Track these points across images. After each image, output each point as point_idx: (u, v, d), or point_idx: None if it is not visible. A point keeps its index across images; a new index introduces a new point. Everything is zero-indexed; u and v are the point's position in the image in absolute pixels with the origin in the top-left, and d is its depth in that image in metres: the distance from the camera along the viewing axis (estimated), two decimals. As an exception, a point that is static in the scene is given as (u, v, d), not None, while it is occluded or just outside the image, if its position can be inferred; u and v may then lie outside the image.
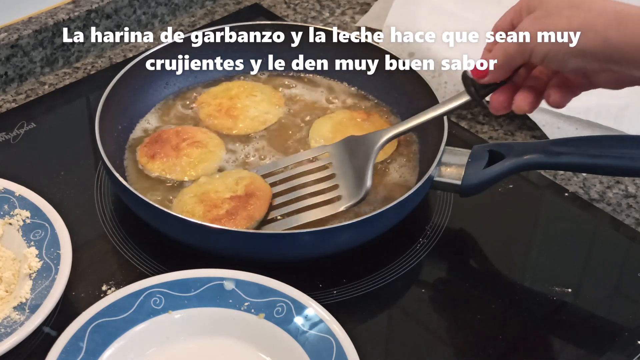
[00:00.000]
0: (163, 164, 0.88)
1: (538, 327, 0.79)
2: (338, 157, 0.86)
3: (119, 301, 0.74)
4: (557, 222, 0.90)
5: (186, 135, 0.90)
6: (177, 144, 0.90)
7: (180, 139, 0.90)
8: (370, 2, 1.20)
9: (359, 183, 0.82)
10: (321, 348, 0.72)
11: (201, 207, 0.83)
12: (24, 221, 0.81)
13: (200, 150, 0.89)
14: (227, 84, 0.99)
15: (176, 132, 0.91)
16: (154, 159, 0.89)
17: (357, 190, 0.82)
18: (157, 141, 0.90)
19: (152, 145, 0.90)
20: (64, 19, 1.05)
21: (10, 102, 1.03)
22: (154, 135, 0.92)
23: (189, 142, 0.90)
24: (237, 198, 0.84)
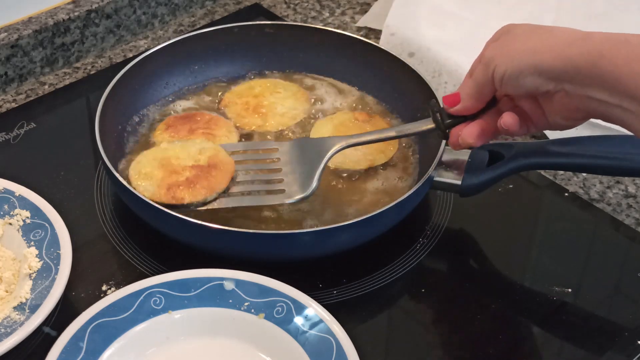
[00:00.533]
0: (171, 137, 0.90)
1: (538, 327, 0.79)
2: (287, 155, 0.85)
3: (119, 301, 0.74)
4: (557, 222, 0.90)
5: (206, 125, 0.91)
6: (195, 128, 0.91)
7: (200, 124, 0.91)
8: (370, 2, 1.20)
9: (305, 183, 0.82)
10: (321, 348, 0.72)
11: (161, 171, 0.83)
12: (24, 221, 0.81)
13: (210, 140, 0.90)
14: (249, 83, 0.99)
15: (201, 118, 0.92)
16: (167, 131, 0.91)
17: (301, 189, 0.82)
18: (183, 118, 0.93)
19: (176, 120, 0.92)
20: (64, 19, 1.05)
21: (10, 102, 1.03)
22: (184, 114, 0.94)
23: (205, 131, 0.90)
24: (198, 167, 0.84)
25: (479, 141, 0.75)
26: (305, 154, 0.85)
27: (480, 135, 0.75)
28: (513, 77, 0.70)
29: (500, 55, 0.70)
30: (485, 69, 0.72)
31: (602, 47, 0.65)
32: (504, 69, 0.70)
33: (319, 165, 0.82)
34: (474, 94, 0.74)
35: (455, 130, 0.76)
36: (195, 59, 1.00)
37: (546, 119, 0.74)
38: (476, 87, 0.73)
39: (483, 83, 0.73)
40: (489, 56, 0.71)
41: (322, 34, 1.01)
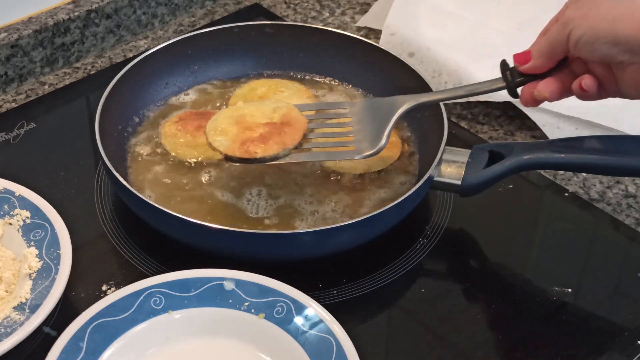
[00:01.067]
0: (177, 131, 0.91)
1: (538, 327, 0.79)
2: (358, 115, 0.86)
3: (119, 301, 0.74)
4: (557, 222, 0.90)
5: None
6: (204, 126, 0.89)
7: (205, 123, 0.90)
8: (370, 2, 1.20)
9: (375, 140, 0.82)
10: (321, 348, 0.72)
11: (235, 128, 0.84)
12: (24, 221, 0.81)
13: None
14: (250, 84, 0.99)
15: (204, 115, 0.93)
16: (176, 124, 0.92)
17: (370, 146, 0.82)
18: (196, 114, 0.94)
19: (190, 115, 0.93)
20: (64, 19, 1.05)
21: (10, 102, 1.03)
22: (200, 111, 0.95)
23: None
24: (272, 125, 0.84)
25: (554, 96, 0.75)
26: (375, 113, 0.85)
27: (556, 91, 0.75)
28: (589, 42, 0.70)
29: (581, 17, 0.70)
30: (561, 28, 0.71)
31: None
32: (581, 32, 0.69)
33: (388, 123, 0.83)
34: (545, 52, 0.74)
35: (527, 88, 0.76)
36: (195, 59, 1.00)
37: (618, 87, 0.74)
38: (549, 45, 0.73)
39: (557, 42, 0.72)
40: (569, 16, 0.71)
41: (322, 34, 1.01)
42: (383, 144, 0.82)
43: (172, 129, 0.92)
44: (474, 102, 1.03)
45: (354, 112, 0.86)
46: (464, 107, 1.03)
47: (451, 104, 1.02)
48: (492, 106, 1.03)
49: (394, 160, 0.91)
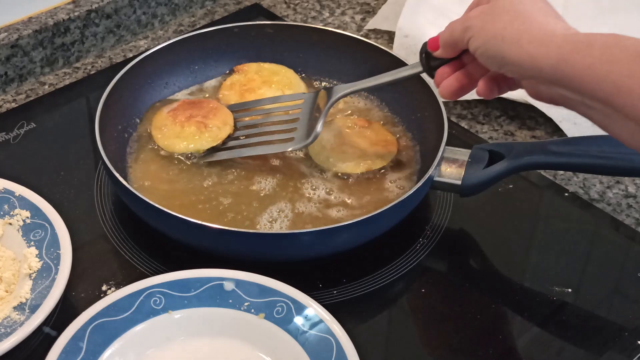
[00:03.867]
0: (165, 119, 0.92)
1: (538, 327, 0.79)
2: (307, 105, 0.90)
3: (119, 301, 0.74)
4: (557, 222, 0.90)
5: (204, 114, 0.92)
6: (195, 115, 0.92)
7: (201, 112, 0.92)
8: (370, 2, 1.20)
9: (310, 130, 0.86)
10: (321, 348, 0.72)
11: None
12: (24, 221, 0.81)
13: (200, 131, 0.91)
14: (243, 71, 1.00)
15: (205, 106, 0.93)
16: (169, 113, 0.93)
17: (307, 135, 0.86)
18: (190, 104, 0.94)
19: (184, 104, 0.94)
20: (64, 19, 1.05)
21: (10, 102, 1.03)
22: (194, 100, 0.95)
23: (200, 120, 0.91)
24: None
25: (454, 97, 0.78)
26: (312, 104, 0.89)
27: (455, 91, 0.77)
28: (483, 56, 0.71)
29: (478, 29, 0.71)
30: (462, 32, 0.73)
31: (563, 50, 0.65)
32: (477, 45, 0.71)
33: (322, 112, 0.86)
34: (449, 44, 0.76)
35: (440, 72, 0.78)
36: (195, 59, 1.00)
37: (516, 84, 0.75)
38: (452, 40, 0.75)
39: (458, 41, 0.74)
40: (469, 24, 0.72)
41: (322, 34, 1.01)
42: (317, 131, 0.86)
43: (162, 119, 0.93)
44: (473, 102, 1.03)
45: (305, 103, 0.90)
46: (464, 107, 1.03)
47: (451, 103, 1.02)
48: (492, 106, 1.03)
49: (393, 156, 0.91)
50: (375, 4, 1.20)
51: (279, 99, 0.93)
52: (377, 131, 0.93)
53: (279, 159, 0.91)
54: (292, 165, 0.91)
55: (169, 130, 0.91)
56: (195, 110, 0.92)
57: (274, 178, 0.89)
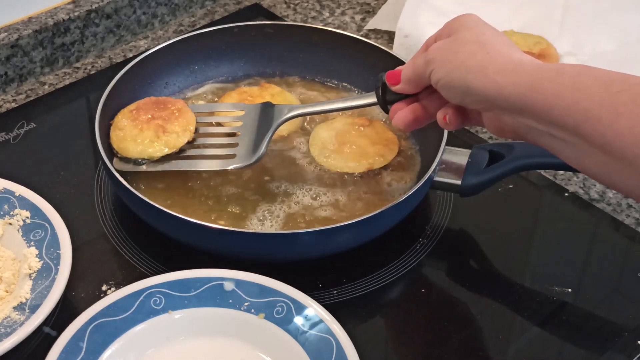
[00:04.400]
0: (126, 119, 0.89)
1: (538, 327, 0.79)
2: (250, 118, 0.88)
3: (119, 301, 0.74)
4: (557, 222, 0.90)
5: (166, 117, 0.88)
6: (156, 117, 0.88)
7: (162, 114, 0.89)
8: (370, 2, 1.20)
9: (255, 149, 0.85)
10: (321, 348, 0.72)
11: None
12: (24, 221, 0.81)
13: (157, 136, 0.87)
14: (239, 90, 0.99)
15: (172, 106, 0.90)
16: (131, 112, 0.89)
17: (251, 155, 0.85)
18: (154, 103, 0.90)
19: (148, 103, 0.90)
20: (64, 19, 1.05)
21: (10, 102, 1.03)
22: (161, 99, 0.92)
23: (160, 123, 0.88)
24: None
25: (409, 128, 0.77)
26: (262, 120, 0.87)
27: (411, 123, 0.76)
28: (445, 87, 0.70)
29: (440, 61, 0.70)
30: (424, 66, 0.72)
31: (533, 78, 0.64)
32: (439, 76, 0.70)
33: (268, 131, 0.85)
34: (412, 80, 0.75)
35: (395, 107, 0.77)
36: (195, 59, 1.00)
37: (478, 121, 0.74)
38: (415, 76, 0.74)
39: (420, 76, 0.73)
40: (431, 57, 0.71)
41: (322, 34, 1.01)
42: (260, 154, 0.84)
43: (121, 119, 0.88)
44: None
45: (247, 115, 0.88)
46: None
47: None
48: (492, 106, 1.03)
49: (394, 155, 0.91)
50: (375, 4, 1.20)
51: (237, 106, 0.91)
52: (378, 130, 0.93)
53: (279, 158, 0.91)
54: (292, 164, 0.91)
55: (126, 132, 0.87)
56: (158, 111, 0.89)
57: (274, 177, 0.89)
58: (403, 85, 0.76)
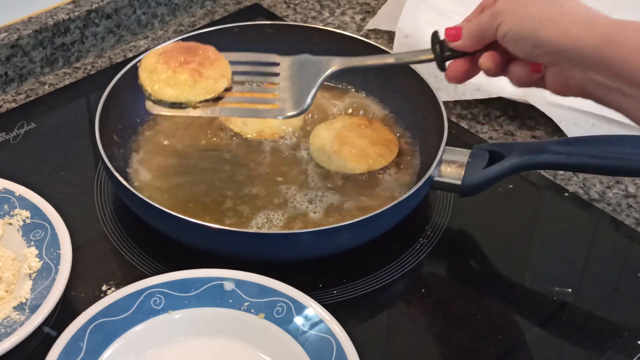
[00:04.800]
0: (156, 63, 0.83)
1: (538, 327, 0.79)
2: (287, 69, 0.84)
3: (119, 301, 0.74)
4: (557, 222, 0.90)
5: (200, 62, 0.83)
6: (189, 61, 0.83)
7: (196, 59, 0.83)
8: (370, 2, 1.20)
9: (299, 100, 0.81)
10: (321, 348, 0.72)
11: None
12: (24, 221, 0.81)
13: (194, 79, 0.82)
14: None
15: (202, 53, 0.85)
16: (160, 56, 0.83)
17: (294, 106, 0.81)
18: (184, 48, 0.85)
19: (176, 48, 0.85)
20: (64, 19, 1.05)
21: (10, 102, 1.03)
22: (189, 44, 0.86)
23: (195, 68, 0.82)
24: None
25: (460, 81, 0.76)
26: (303, 71, 0.83)
27: (468, 72, 0.75)
28: (514, 40, 0.69)
29: (510, 12, 0.69)
30: (491, 18, 0.71)
31: (609, 31, 0.64)
32: (508, 28, 0.69)
33: (314, 83, 0.81)
34: (475, 36, 0.74)
35: (454, 64, 0.76)
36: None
37: (543, 81, 0.74)
38: (479, 30, 0.73)
39: (486, 30, 0.72)
40: (499, 9, 0.70)
41: (322, 34, 1.01)
42: (307, 105, 0.80)
43: (152, 61, 0.83)
44: (473, 102, 1.03)
45: (283, 67, 0.84)
46: (464, 107, 1.03)
47: (451, 103, 1.02)
48: (492, 106, 1.03)
49: (394, 156, 0.91)
50: (375, 4, 1.20)
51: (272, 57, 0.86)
52: (378, 130, 0.93)
53: (279, 158, 0.91)
54: (292, 164, 0.90)
55: (158, 74, 0.82)
56: (190, 55, 0.83)
57: (274, 177, 0.89)
58: (464, 41, 0.74)
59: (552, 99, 0.98)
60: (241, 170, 0.89)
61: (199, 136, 0.94)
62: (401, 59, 0.82)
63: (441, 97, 0.91)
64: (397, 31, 1.07)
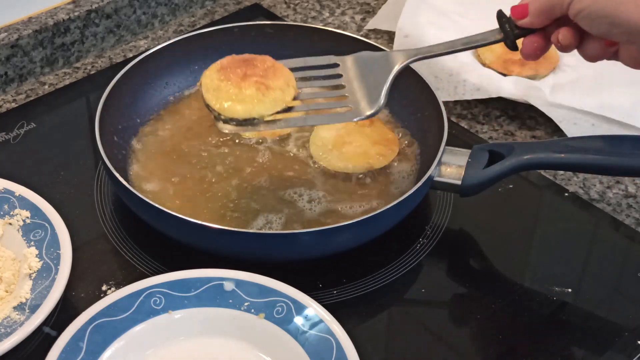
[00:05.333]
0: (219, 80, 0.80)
1: (538, 327, 0.79)
2: (349, 70, 0.82)
3: (119, 301, 0.74)
4: (557, 222, 0.90)
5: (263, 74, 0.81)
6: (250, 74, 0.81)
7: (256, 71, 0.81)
8: (370, 2, 1.20)
9: (372, 99, 0.79)
10: (321, 348, 0.72)
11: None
12: (24, 221, 0.81)
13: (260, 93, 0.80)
14: None
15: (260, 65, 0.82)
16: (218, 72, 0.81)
17: (368, 106, 0.79)
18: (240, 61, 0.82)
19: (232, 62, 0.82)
20: (64, 19, 1.05)
21: (10, 102, 1.03)
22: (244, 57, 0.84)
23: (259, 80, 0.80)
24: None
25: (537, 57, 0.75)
26: (369, 69, 0.81)
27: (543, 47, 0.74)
28: (589, 18, 0.68)
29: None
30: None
31: None
32: (583, 6, 0.68)
33: (386, 79, 0.79)
34: (544, 11, 0.72)
35: (528, 41, 0.75)
36: (195, 59, 1.00)
37: (616, 55, 0.73)
38: (548, 6, 0.72)
39: (557, 6, 0.71)
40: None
41: (322, 34, 1.01)
42: (382, 103, 0.78)
43: (212, 79, 0.81)
44: (473, 102, 1.03)
45: (345, 68, 0.82)
46: (464, 107, 1.03)
47: (451, 103, 1.02)
48: (492, 106, 1.03)
49: (395, 155, 0.91)
50: (375, 4, 1.20)
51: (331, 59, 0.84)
52: (379, 129, 0.93)
53: (279, 158, 0.91)
54: (292, 163, 0.90)
55: (224, 92, 0.80)
56: (249, 68, 0.81)
57: (274, 177, 0.89)
58: (531, 18, 0.73)
59: (552, 99, 0.98)
60: (241, 171, 0.89)
61: (199, 136, 0.94)
62: (469, 43, 0.79)
63: (441, 97, 0.91)
64: (397, 31, 1.07)
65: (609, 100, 0.96)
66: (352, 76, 0.81)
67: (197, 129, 0.95)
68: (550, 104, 0.98)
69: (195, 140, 0.93)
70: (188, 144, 0.93)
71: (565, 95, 0.98)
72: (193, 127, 0.95)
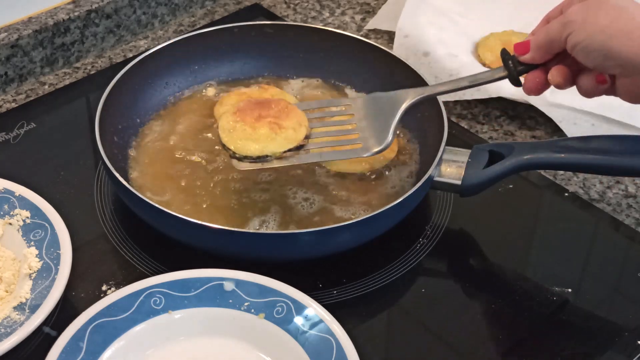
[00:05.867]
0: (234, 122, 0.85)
1: (538, 327, 0.79)
2: (360, 109, 0.86)
3: (119, 301, 0.74)
4: (557, 222, 0.90)
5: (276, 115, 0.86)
6: (265, 116, 0.85)
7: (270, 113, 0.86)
8: (370, 2, 1.20)
9: (381, 136, 0.83)
10: (321, 348, 0.72)
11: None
12: (24, 221, 0.81)
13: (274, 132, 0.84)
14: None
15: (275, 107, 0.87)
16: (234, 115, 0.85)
17: (377, 142, 0.83)
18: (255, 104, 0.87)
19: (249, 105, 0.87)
20: (64, 19, 1.05)
21: (10, 102, 1.03)
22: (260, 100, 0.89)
23: (272, 121, 0.85)
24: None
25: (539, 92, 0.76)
26: (378, 108, 0.85)
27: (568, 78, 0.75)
28: (584, 51, 0.70)
29: (580, 23, 0.70)
30: (560, 29, 0.71)
31: None
32: (579, 39, 0.70)
33: (393, 118, 0.83)
34: (543, 46, 0.74)
35: (530, 77, 0.77)
36: (195, 59, 1.00)
37: (613, 90, 0.74)
38: (547, 41, 0.73)
39: (555, 40, 0.72)
40: (570, 19, 0.71)
41: (322, 34, 1.01)
42: (389, 140, 0.83)
43: (229, 121, 0.86)
44: (473, 102, 1.03)
45: (356, 108, 0.87)
46: (464, 107, 1.03)
47: (451, 103, 1.02)
48: (492, 106, 1.03)
49: (393, 156, 0.91)
50: (375, 4, 1.20)
51: (343, 101, 0.90)
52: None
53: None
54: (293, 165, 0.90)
55: (239, 132, 0.84)
56: (264, 110, 0.86)
57: (273, 177, 0.89)
58: (532, 53, 0.75)
59: (552, 99, 0.98)
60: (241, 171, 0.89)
61: (199, 137, 0.94)
62: (475, 81, 0.82)
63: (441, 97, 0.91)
64: (397, 31, 1.08)
65: (609, 100, 0.96)
66: (362, 116, 0.86)
67: (197, 129, 0.95)
68: (550, 104, 0.98)
69: (195, 140, 0.93)
70: (188, 144, 0.93)
71: (565, 95, 0.98)
72: (193, 127, 0.95)
